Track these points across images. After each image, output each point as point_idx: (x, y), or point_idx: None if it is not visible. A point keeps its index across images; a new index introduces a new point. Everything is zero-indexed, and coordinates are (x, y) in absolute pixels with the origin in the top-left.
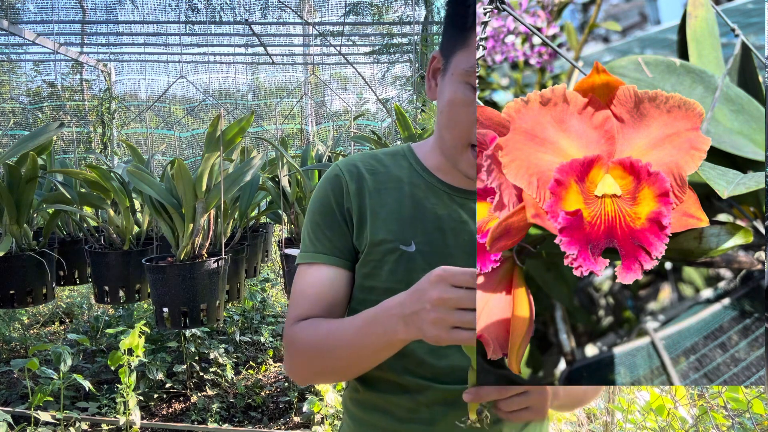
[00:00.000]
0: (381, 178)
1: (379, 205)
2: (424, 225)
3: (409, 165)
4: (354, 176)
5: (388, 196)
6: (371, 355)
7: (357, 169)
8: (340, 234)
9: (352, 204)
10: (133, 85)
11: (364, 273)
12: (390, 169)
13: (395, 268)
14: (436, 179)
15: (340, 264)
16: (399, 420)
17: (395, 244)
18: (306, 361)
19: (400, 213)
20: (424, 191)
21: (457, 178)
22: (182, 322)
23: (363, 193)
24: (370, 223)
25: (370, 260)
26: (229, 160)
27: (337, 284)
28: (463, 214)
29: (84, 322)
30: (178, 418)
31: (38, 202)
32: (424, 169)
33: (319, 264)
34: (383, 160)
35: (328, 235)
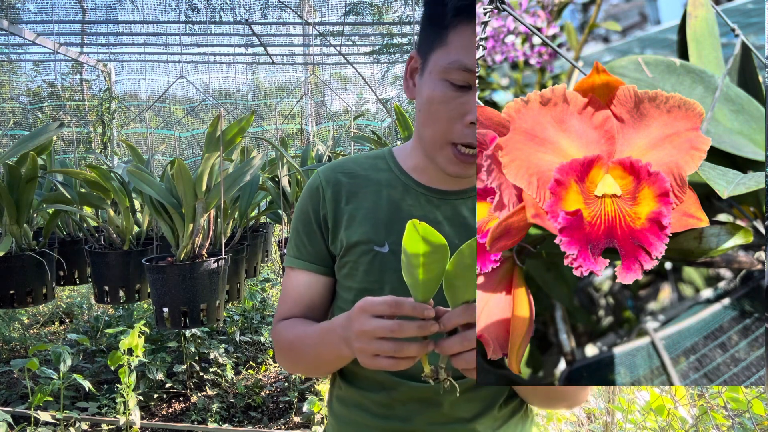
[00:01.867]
0: (359, 181)
1: (355, 208)
2: (399, 226)
3: (388, 168)
4: (331, 182)
5: (364, 198)
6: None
7: (335, 175)
8: (315, 242)
9: (327, 210)
10: (133, 85)
11: (343, 274)
12: (369, 173)
13: (369, 268)
14: (413, 181)
15: (315, 270)
16: (376, 416)
17: (369, 245)
18: (286, 356)
19: (375, 215)
20: (401, 193)
21: (435, 178)
22: (182, 322)
23: (339, 198)
24: (345, 226)
25: (346, 262)
26: (229, 160)
27: (313, 289)
28: (439, 215)
29: (84, 322)
30: (178, 418)
31: (38, 202)
32: (402, 172)
33: (298, 269)
34: (363, 163)
35: (305, 243)
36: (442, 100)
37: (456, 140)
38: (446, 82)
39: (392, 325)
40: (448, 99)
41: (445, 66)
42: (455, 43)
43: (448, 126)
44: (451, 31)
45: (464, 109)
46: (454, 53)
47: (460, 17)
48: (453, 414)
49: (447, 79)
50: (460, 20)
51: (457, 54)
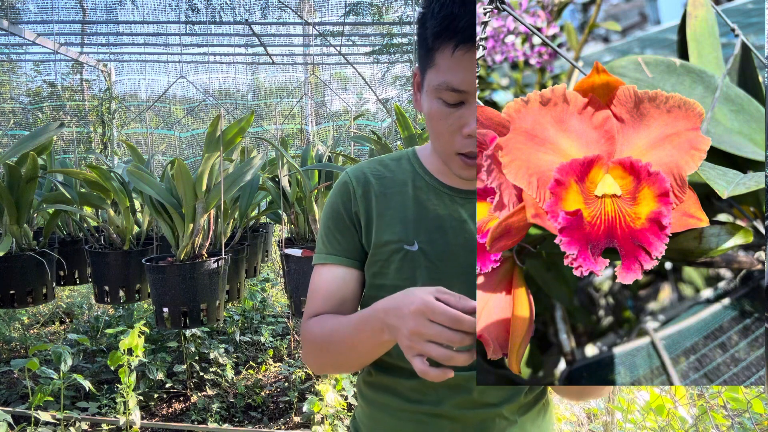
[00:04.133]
0: (387, 182)
1: (384, 208)
2: (426, 225)
3: (413, 168)
4: (361, 181)
5: (393, 199)
6: (366, 351)
7: (364, 175)
8: (349, 236)
9: (359, 207)
10: (133, 85)
11: (373, 272)
12: (395, 174)
13: (401, 266)
14: (437, 181)
15: (349, 264)
16: (408, 401)
17: (400, 245)
18: (316, 355)
19: (404, 214)
20: (426, 193)
21: (457, 179)
22: (182, 322)
23: (369, 197)
24: (376, 225)
25: (377, 260)
26: (229, 160)
27: (346, 282)
28: (464, 214)
29: (84, 322)
30: (178, 418)
31: (38, 202)
32: (426, 172)
33: (330, 264)
34: (389, 164)
35: (338, 238)
36: (440, 117)
37: (459, 151)
38: (440, 101)
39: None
40: (444, 115)
41: (436, 86)
42: (441, 65)
43: (449, 138)
44: (437, 53)
45: (461, 123)
46: (441, 74)
47: (440, 40)
48: (481, 399)
49: (439, 97)
50: (440, 43)
51: (444, 75)
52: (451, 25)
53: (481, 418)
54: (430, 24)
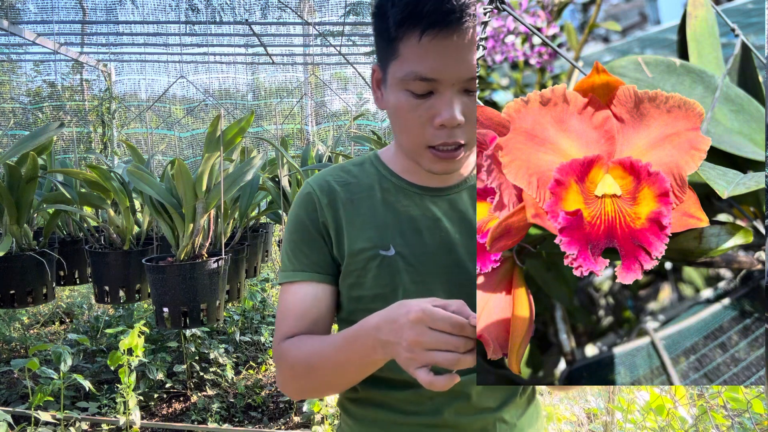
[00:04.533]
0: (352, 188)
1: (354, 215)
2: (400, 227)
3: (377, 171)
4: (325, 190)
5: (361, 204)
6: (355, 372)
7: (327, 184)
8: (318, 249)
9: (326, 217)
10: (133, 85)
11: (349, 284)
12: (360, 179)
13: (378, 273)
14: (404, 181)
15: (320, 279)
16: (404, 413)
17: (375, 251)
18: (295, 379)
19: (375, 219)
20: (395, 195)
21: (425, 177)
22: (182, 322)
23: (336, 205)
24: (347, 233)
25: (352, 270)
26: (229, 160)
27: (319, 299)
28: (437, 212)
29: (84, 322)
30: (178, 418)
31: (38, 202)
32: (392, 173)
33: (300, 282)
34: (351, 170)
35: (305, 252)
36: (408, 109)
37: (430, 143)
38: (407, 92)
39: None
40: (413, 107)
41: (402, 77)
42: (406, 54)
43: (419, 131)
44: (400, 43)
45: (431, 114)
46: (407, 65)
47: (404, 28)
48: (480, 404)
49: (407, 89)
50: (404, 31)
51: (410, 65)
52: (415, 10)
53: (482, 424)
54: (392, 12)
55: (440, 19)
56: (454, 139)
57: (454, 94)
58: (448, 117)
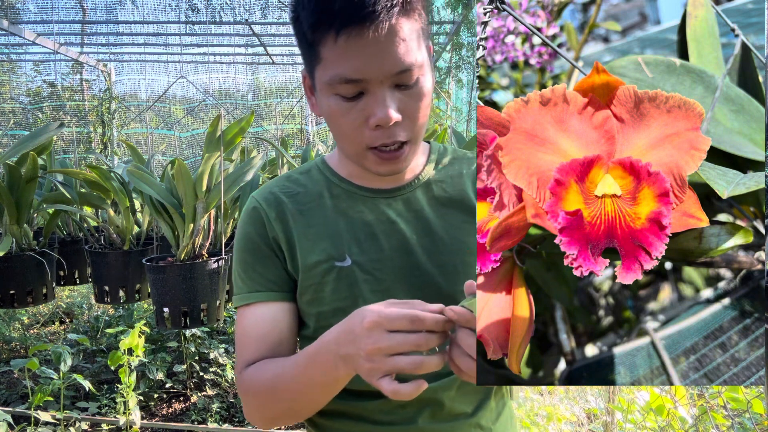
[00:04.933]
0: (300, 198)
1: (305, 227)
2: (354, 235)
3: (325, 178)
4: (272, 203)
5: (312, 215)
6: (321, 392)
7: (274, 196)
8: (271, 266)
9: (276, 232)
10: (133, 85)
11: (307, 300)
12: (307, 187)
13: (336, 286)
14: (354, 186)
15: (277, 297)
16: (376, 424)
17: (330, 263)
18: (261, 407)
19: (327, 229)
20: (346, 201)
21: (375, 179)
22: (182, 322)
23: (285, 218)
24: (299, 246)
25: (309, 285)
26: (229, 160)
27: (278, 320)
28: (391, 214)
29: (84, 322)
30: (178, 418)
31: (38, 202)
32: (340, 179)
33: (256, 303)
34: (298, 179)
35: (259, 271)
36: (340, 114)
37: (370, 145)
38: (337, 96)
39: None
40: (345, 111)
41: (328, 82)
42: (327, 58)
43: (356, 135)
44: (319, 47)
45: (365, 115)
46: (330, 68)
47: (319, 31)
48: (455, 410)
49: (335, 93)
50: (320, 35)
51: (333, 69)
52: (326, 11)
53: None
54: (304, 16)
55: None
56: (393, 138)
57: (385, 91)
58: (383, 116)
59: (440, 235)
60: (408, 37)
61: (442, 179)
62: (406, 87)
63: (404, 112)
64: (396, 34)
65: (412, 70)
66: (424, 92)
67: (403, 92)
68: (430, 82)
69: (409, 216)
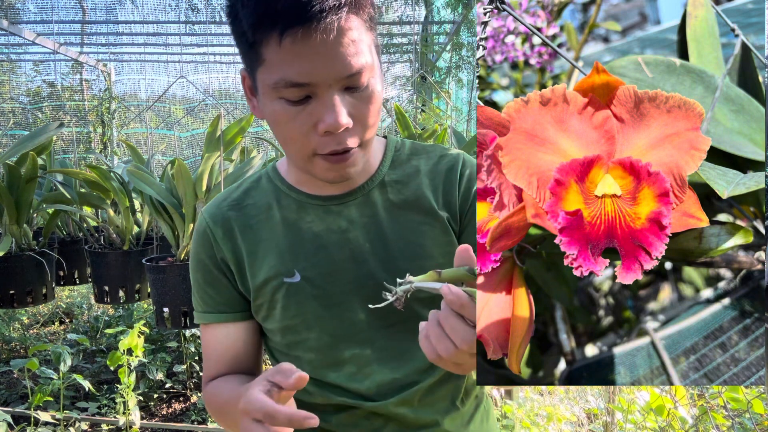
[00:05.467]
0: (249, 211)
1: (253, 243)
2: (303, 248)
3: (274, 187)
4: (219, 221)
5: (260, 229)
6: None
7: (221, 212)
8: (221, 288)
9: (224, 252)
10: (133, 85)
11: (262, 317)
12: (256, 199)
13: (286, 304)
14: (304, 195)
15: (230, 318)
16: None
17: (279, 279)
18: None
19: (276, 244)
20: (295, 211)
21: (326, 186)
22: (182, 321)
23: (233, 235)
24: (248, 264)
25: (261, 304)
26: (229, 160)
27: (233, 339)
28: (343, 223)
29: (84, 322)
30: (178, 418)
31: (38, 202)
32: (290, 188)
33: (212, 324)
34: (248, 189)
35: (209, 293)
36: (287, 119)
37: (318, 152)
38: (282, 100)
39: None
40: (292, 116)
41: (272, 85)
42: (271, 60)
43: (304, 141)
44: (261, 48)
45: (313, 120)
46: (275, 71)
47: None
48: (420, 420)
49: (281, 97)
50: (262, 35)
51: (277, 72)
52: (268, 10)
53: None
54: (244, 14)
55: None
56: (343, 145)
57: (334, 95)
58: (332, 122)
59: (395, 240)
60: (358, 37)
61: (399, 179)
62: (356, 90)
63: (355, 116)
64: (344, 34)
65: (362, 73)
66: (374, 95)
67: (353, 95)
68: (380, 83)
69: (362, 221)
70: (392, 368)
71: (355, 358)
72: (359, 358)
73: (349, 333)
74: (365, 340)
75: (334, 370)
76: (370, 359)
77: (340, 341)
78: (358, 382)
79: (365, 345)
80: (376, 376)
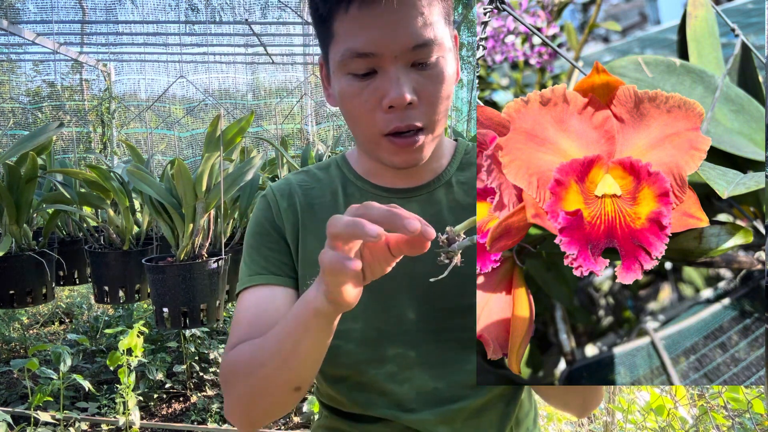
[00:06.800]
0: (314, 192)
1: (313, 222)
2: None
3: (342, 174)
4: (285, 194)
5: (322, 210)
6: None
7: (289, 187)
8: (278, 251)
9: (284, 222)
10: (132, 85)
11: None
12: (323, 183)
13: None
14: (370, 184)
15: (279, 281)
16: None
17: None
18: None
19: None
20: (358, 200)
21: (391, 177)
22: (182, 322)
23: (295, 210)
24: (305, 241)
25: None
26: (229, 160)
27: (276, 301)
28: None
29: (84, 322)
30: (178, 418)
31: (38, 202)
32: (357, 177)
33: (256, 286)
34: (316, 174)
35: (263, 254)
36: (353, 94)
37: (384, 131)
38: (349, 76)
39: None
40: (357, 91)
41: (340, 59)
42: (339, 32)
43: (369, 118)
44: (334, 23)
45: (378, 95)
46: (341, 43)
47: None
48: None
49: (348, 72)
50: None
51: (345, 43)
52: None
53: None
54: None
55: None
56: (407, 122)
57: (400, 69)
58: (396, 96)
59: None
60: (427, 11)
61: (466, 181)
62: (424, 66)
63: (420, 94)
64: (413, 5)
65: (430, 47)
66: (444, 75)
67: (420, 72)
68: (453, 67)
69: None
70: (434, 376)
71: (398, 358)
72: (402, 358)
73: (396, 331)
74: (411, 341)
75: (375, 366)
76: (412, 362)
77: (385, 337)
78: (397, 383)
79: (410, 346)
80: (417, 380)
